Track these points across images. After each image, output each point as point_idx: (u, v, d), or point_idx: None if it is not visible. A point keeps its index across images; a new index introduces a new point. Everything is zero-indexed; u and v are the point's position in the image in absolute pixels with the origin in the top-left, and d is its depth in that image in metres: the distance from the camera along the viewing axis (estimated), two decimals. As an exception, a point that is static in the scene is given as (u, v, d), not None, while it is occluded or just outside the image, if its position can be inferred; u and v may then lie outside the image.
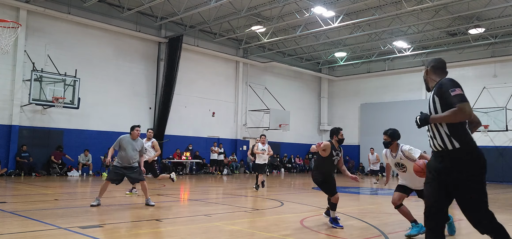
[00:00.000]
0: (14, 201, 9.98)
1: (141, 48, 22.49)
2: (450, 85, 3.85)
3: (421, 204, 4.42)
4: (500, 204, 12.74)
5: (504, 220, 9.40)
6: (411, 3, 18.69)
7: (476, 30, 22.44)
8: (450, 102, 3.77)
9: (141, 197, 11.91)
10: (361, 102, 30.79)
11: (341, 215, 9.19)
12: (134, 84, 22.13)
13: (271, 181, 20.23)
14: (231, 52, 26.69)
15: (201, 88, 24.82)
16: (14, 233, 6.40)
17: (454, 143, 3.84)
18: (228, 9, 20.92)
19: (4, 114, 17.93)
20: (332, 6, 19.51)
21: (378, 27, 22.67)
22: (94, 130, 20.42)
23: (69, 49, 19.85)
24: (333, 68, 32.41)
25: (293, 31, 23.56)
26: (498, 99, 24.62)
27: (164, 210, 9.70)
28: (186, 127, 23.54)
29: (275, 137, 28.60)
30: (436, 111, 3.92)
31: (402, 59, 28.54)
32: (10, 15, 17.20)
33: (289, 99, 29.51)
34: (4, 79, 18.03)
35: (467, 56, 25.97)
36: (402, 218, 7.29)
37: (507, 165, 24.23)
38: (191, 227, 7.42)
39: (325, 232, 7.17)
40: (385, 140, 7.05)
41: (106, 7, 21.01)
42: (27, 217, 7.68)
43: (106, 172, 20.25)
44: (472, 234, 7.62)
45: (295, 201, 11.88)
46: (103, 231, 6.57)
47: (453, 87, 3.81)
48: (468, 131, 3.97)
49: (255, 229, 7.28)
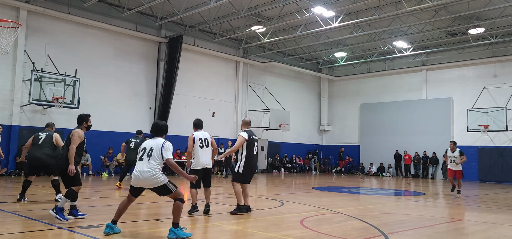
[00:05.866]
0: (14, 201, 9.97)
1: (141, 48, 22.49)
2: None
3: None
4: (500, 204, 12.74)
5: (504, 220, 9.42)
6: (411, 3, 18.69)
7: (476, 30, 22.43)
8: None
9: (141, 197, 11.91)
10: (361, 102, 30.79)
11: (341, 215, 9.19)
12: (134, 84, 22.14)
13: (271, 181, 20.24)
14: (231, 52, 26.69)
15: (201, 88, 24.82)
16: (14, 233, 6.40)
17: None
18: (228, 9, 20.92)
19: (4, 115, 17.93)
20: (332, 6, 19.51)
21: (378, 27, 22.67)
22: (94, 130, 20.19)
23: (69, 49, 19.85)
24: (333, 68, 32.41)
25: (293, 31, 23.56)
26: (498, 99, 24.61)
27: (164, 210, 9.70)
28: (186, 127, 23.45)
29: (275, 137, 28.62)
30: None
31: (402, 59, 28.54)
32: (10, 15, 17.20)
33: (289, 99, 29.51)
34: (4, 79, 18.02)
35: (467, 56, 25.97)
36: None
37: (507, 165, 24.22)
38: (191, 227, 7.42)
39: (325, 232, 7.17)
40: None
41: (106, 7, 21.02)
42: (27, 217, 7.68)
43: (106, 172, 20.28)
44: (472, 234, 7.62)
45: (295, 201, 11.87)
46: (103, 231, 6.56)
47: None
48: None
49: (255, 229, 7.28)
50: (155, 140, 6.47)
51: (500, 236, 7.51)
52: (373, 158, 28.99)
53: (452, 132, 26.15)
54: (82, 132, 7.76)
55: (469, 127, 24.22)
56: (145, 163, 6.24)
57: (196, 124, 8.87)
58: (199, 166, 8.48)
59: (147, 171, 6.19)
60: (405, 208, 11.39)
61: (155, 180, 6.19)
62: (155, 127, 6.67)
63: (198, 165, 8.48)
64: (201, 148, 8.48)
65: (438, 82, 27.35)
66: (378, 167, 28.38)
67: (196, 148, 8.48)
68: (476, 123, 23.97)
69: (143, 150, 6.39)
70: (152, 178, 6.19)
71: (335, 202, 11.91)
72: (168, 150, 6.29)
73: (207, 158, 8.54)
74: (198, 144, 8.49)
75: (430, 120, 26.68)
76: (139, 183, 6.30)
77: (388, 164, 28.11)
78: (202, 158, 8.46)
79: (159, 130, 6.62)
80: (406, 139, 27.60)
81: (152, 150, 6.28)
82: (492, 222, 8.86)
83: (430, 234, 7.54)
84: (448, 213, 10.65)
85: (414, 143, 27.04)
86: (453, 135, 26.03)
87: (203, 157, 8.48)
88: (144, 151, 6.36)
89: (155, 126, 6.70)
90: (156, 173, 6.20)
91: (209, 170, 8.67)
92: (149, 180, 6.19)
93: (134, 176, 6.31)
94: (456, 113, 26.23)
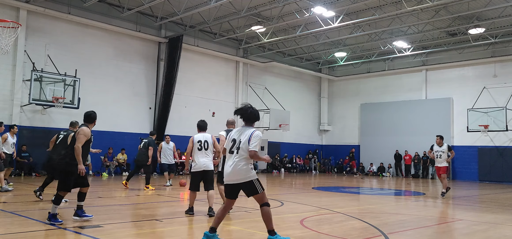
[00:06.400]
0: (14, 201, 9.98)
1: (141, 48, 22.49)
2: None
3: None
4: (500, 204, 12.74)
5: (504, 220, 9.41)
6: (411, 3, 18.69)
7: (476, 30, 22.43)
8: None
9: (140, 197, 11.92)
10: (361, 102, 30.79)
11: (342, 215, 9.19)
12: (134, 84, 22.13)
13: (271, 181, 20.24)
14: (231, 52, 26.69)
15: (201, 88, 24.82)
16: (14, 233, 6.40)
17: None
18: (228, 9, 20.92)
19: (4, 115, 17.91)
20: (332, 6, 19.51)
21: (378, 27, 22.67)
22: (94, 129, 20.10)
23: (69, 49, 19.85)
24: (333, 68, 32.41)
25: (293, 31, 23.56)
26: (498, 99, 24.61)
27: (164, 210, 9.71)
28: (186, 127, 23.49)
29: (275, 137, 28.61)
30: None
31: (402, 59, 28.53)
32: (10, 15, 17.19)
33: (289, 99, 29.51)
34: (4, 79, 18.02)
35: (467, 56, 25.97)
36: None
37: (507, 165, 24.22)
38: (191, 227, 7.43)
39: (325, 232, 7.17)
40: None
41: (106, 7, 21.01)
42: (27, 217, 7.68)
43: (106, 172, 20.27)
44: (472, 234, 7.62)
45: (295, 201, 11.87)
46: (103, 231, 6.57)
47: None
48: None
49: (255, 229, 7.28)
50: (245, 129, 5.91)
51: (500, 236, 7.51)
52: (373, 158, 28.98)
53: (452, 131, 26.16)
54: (89, 130, 7.56)
55: (469, 127, 24.22)
56: (233, 156, 5.80)
57: (198, 125, 8.83)
58: (196, 168, 8.43)
59: (235, 164, 5.75)
60: (405, 208, 11.39)
61: (243, 175, 5.73)
62: (244, 113, 6.00)
63: (195, 167, 8.44)
64: (199, 150, 8.42)
65: (438, 82, 27.34)
66: (378, 167, 28.38)
67: (194, 150, 8.45)
68: (476, 123, 23.97)
69: (233, 141, 5.92)
70: (236, 173, 5.73)
71: (335, 202, 11.92)
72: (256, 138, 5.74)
73: (205, 161, 8.41)
74: (196, 146, 8.44)
75: (430, 120, 26.67)
76: (228, 179, 5.85)
77: (388, 164, 28.11)
78: (199, 160, 8.40)
79: (251, 117, 6.01)
80: (406, 139, 27.59)
81: (241, 142, 5.77)
82: (492, 222, 8.86)
83: (430, 234, 7.54)
84: (448, 213, 10.66)
85: (414, 143, 27.03)
86: (453, 134, 26.05)
87: (200, 160, 8.40)
88: (234, 142, 5.88)
89: (243, 111, 6.01)
90: (241, 168, 5.71)
91: (209, 173, 8.45)
92: (236, 174, 5.74)
93: (224, 171, 5.94)
94: (456, 113, 26.23)
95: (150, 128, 22.26)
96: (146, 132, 22.08)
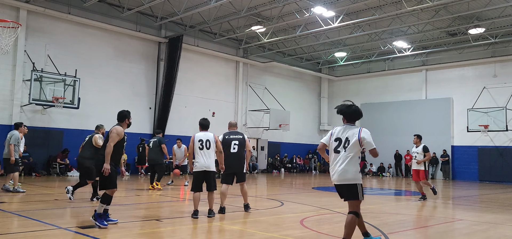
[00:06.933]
0: (14, 201, 9.98)
1: (141, 48, 22.49)
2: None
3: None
4: (500, 204, 12.74)
5: (504, 220, 9.41)
6: (411, 3, 18.68)
7: (476, 30, 22.43)
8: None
9: (140, 197, 11.92)
10: (361, 102, 30.73)
11: (342, 215, 9.18)
12: (134, 84, 22.13)
13: (271, 181, 20.24)
14: (231, 52, 26.69)
15: (201, 88, 24.82)
16: (14, 233, 6.40)
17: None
18: (228, 9, 20.92)
19: (4, 114, 17.92)
20: (332, 6, 19.51)
21: (378, 27, 22.67)
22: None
23: (69, 49, 19.84)
24: (333, 68, 32.41)
25: (293, 31, 23.55)
26: (498, 99, 24.60)
27: (164, 210, 9.71)
28: (186, 127, 23.48)
29: (275, 137, 28.62)
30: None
31: (402, 59, 28.53)
32: (10, 15, 17.19)
33: (289, 99, 29.50)
34: (4, 79, 18.02)
35: (467, 56, 25.97)
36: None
37: (507, 165, 24.22)
38: (191, 227, 7.43)
39: (325, 232, 7.17)
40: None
41: (106, 7, 21.01)
42: (27, 217, 7.67)
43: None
44: (472, 234, 7.62)
45: (295, 201, 11.87)
46: (103, 231, 6.57)
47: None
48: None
49: (255, 229, 7.28)
50: (350, 127, 5.75)
51: (500, 236, 7.51)
52: (373, 158, 28.92)
53: (452, 132, 26.16)
54: (122, 129, 7.26)
55: (469, 127, 24.22)
56: (341, 155, 5.57)
57: (200, 123, 8.60)
58: (197, 168, 8.17)
59: (345, 164, 5.49)
60: (405, 208, 11.39)
61: (347, 176, 5.49)
62: (347, 111, 5.94)
63: (197, 167, 8.19)
64: (201, 149, 8.14)
65: (438, 82, 27.34)
66: (378, 167, 28.37)
67: (195, 150, 8.21)
68: (476, 123, 23.97)
69: (337, 140, 5.66)
70: (344, 172, 5.49)
71: (335, 202, 11.90)
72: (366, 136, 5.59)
73: (206, 161, 8.09)
74: (197, 145, 8.18)
75: (430, 120, 26.66)
76: (338, 179, 5.59)
77: (388, 164, 28.11)
78: (200, 160, 8.13)
79: (354, 115, 5.97)
80: (406, 139, 27.44)
81: (349, 141, 5.57)
82: (492, 222, 8.86)
83: (430, 234, 7.54)
84: (448, 213, 10.66)
85: (410, 143, 26.97)
86: (453, 134, 26.05)
87: (201, 159, 8.13)
88: (339, 141, 5.64)
89: (345, 109, 5.96)
90: (350, 168, 5.48)
91: (210, 173, 8.14)
92: (345, 174, 5.49)
93: (331, 171, 5.67)
94: (456, 113, 26.23)
95: (150, 128, 22.27)
96: (146, 132, 22.13)
